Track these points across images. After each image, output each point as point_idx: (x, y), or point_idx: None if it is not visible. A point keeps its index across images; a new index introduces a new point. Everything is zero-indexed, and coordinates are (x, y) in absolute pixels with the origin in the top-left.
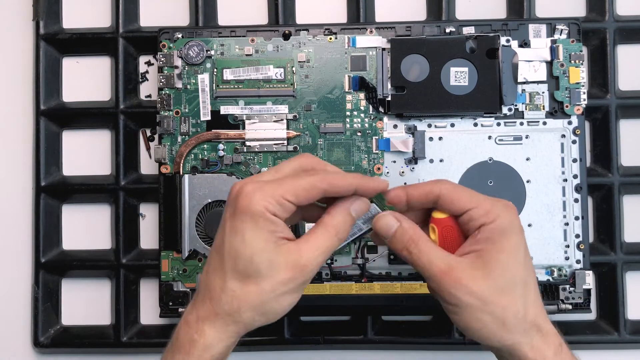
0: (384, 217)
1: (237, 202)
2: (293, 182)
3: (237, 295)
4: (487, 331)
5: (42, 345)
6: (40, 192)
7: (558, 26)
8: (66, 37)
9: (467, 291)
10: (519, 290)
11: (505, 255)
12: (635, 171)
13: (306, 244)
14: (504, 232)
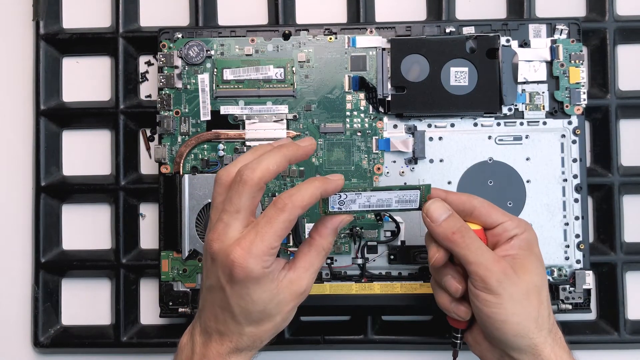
0: (437, 202)
1: (234, 273)
2: (270, 228)
3: (256, 334)
4: (522, 326)
5: (42, 345)
6: (40, 192)
7: (558, 26)
8: (66, 37)
9: (513, 282)
10: (545, 293)
11: (535, 261)
12: (635, 171)
13: (303, 271)
14: (531, 243)
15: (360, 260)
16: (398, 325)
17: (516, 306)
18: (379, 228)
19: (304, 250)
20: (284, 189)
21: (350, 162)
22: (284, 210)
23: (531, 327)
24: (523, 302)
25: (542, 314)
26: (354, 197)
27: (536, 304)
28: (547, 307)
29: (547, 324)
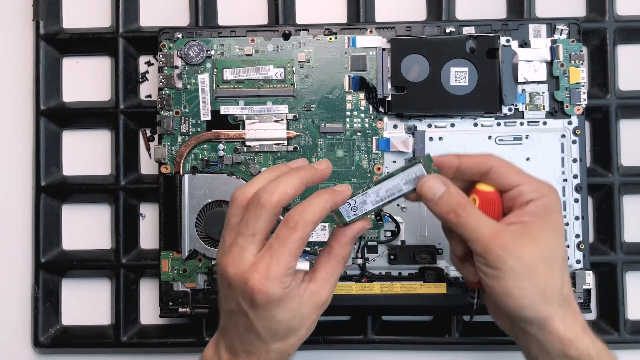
0: (431, 179)
1: (255, 299)
2: (285, 249)
3: (282, 349)
4: (526, 300)
5: (42, 345)
6: (40, 192)
7: (558, 26)
8: (66, 37)
9: (514, 256)
10: (559, 264)
11: (550, 230)
12: (635, 171)
13: (324, 283)
14: (550, 209)
15: (360, 260)
16: (398, 325)
17: (519, 280)
18: (379, 228)
19: (323, 260)
20: None
21: (350, 162)
22: (296, 229)
23: (536, 301)
24: (527, 275)
25: (551, 287)
26: (363, 199)
27: (544, 276)
28: (560, 279)
29: (558, 297)
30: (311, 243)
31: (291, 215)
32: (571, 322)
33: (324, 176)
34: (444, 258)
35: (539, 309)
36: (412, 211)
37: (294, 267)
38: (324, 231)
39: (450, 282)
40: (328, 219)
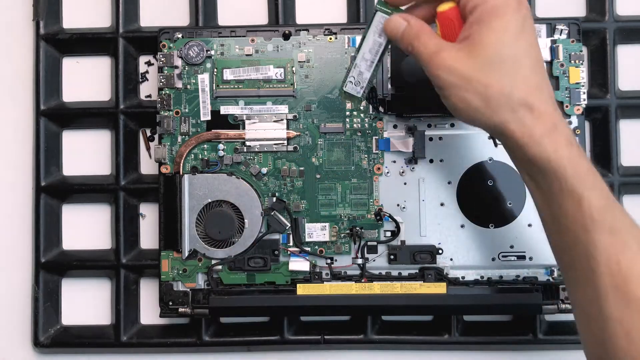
0: (392, 19)
1: None
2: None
3: None
4: (472, 110)
5: (42, 345)
6: (40, 192)
7: (558, 26)
8: (66, 37)
9: (449, 71)
10: (505, 68)
11: (492, 34)
12: (635, 171)
13: None
14: (495, 11)
15: (360, 260)
16: (398, 325)
17: (459, 92)
18: (379, 228)
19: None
20: (283, 189)
21: (350, 162)
22: None
23: (482, 109)
24: (470, 84)
25: (494, 92)
26: (358, 70)
27: (490, 81)
28: (509, 83)
29: (507, 102)
30: (311, 243)
31: None
32: (530, 125)
33: None
34: (444, 258)
35: (485, 117)
36: (412, 211)
37: None
38: (324, 231)
39: (451, 282)
40: (328, 219)
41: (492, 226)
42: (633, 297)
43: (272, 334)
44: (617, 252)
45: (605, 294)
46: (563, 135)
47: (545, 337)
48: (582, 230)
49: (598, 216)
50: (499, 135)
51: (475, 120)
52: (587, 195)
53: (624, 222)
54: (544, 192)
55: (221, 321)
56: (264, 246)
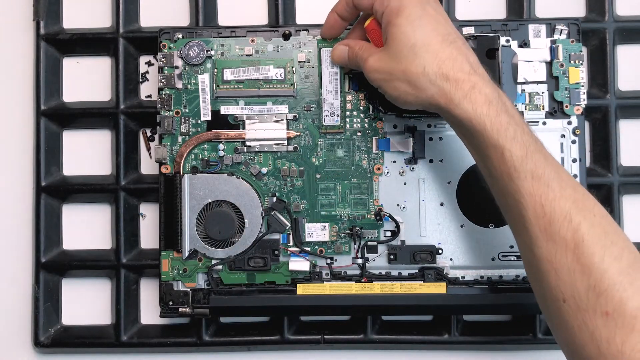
0: (335, 49)
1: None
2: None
3: None
4: (404, 95)
5: (43, 345)
6: (41, 192)
7: (558, 26)
8: (66, 37)
9: (376, 71)
10: (415, 51)
11: (397, 29)
12: (635, 171)
13: None
14: (395, 10)
15: (360, 260)
16: (398, 325)
17: (390, 84)
18: (379, 228)
19: None
20: (283, 189)
21: (350, 162)
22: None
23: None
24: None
25: (412, 75)
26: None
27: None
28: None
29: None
30: (311, 243)
31: None
32: (449, 90)
33: None
34: (444, 258)
35: (415, 96)
36: (412, 211)
37: None
38: (324, 231)
39: (450, 282)
40: (328, 219)
41: (492, 226)
42: (558, 237)
43: (272, 334)
44: (540, 196)
45: (536, 237)
46: (482, 95)
47: (544, 337)
48: (508, 179)
49: (519, 165)
50: (432, 107)
51: (411, 102)
52: (508, 146)
53: (545, 167)
54: (474, 148)
55: (221, 321)
56: (264, 246)
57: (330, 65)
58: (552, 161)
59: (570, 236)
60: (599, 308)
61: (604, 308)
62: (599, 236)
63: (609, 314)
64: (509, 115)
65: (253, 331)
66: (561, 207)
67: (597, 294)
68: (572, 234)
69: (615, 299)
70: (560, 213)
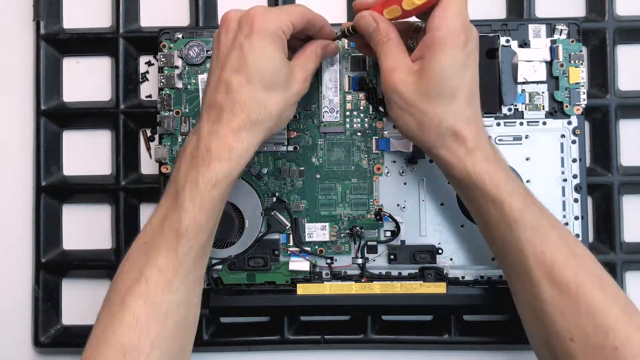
0: (363, 16)
1: (255, 24)
2: (290, 9)
3: (267, 104)
4: (408, 129)
5: (43, 345)
6: (41, 192)
7: (558, 26)
8: (66, 37)
9: (396, 92)
10: (442, 100)
11: (437, 66)
12: (635, 171)
13: (306, 63)
14: (443, 42)
15: (360, 260)
16: (398, 325)
17: (400, 112)
18: (379, 228)
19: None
20: (283, 189)
21: (350, 162)
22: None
23: (416, 131)
24: (410, 108)
25: (427, 121)
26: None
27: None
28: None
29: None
30: (311, 243)
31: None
32: (454, 148)
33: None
34: (444, 258)
35: (418, 138)
36: (412, 211)
37: (292, 28)
38: (324, 231)
39: (450, 282)
40: (328, 219)
41: None
42: (560, 281)
43: (272, 334)
44: (540, 245)
45: (538, 282)
46: (482, 153)
47: None
48: (508, 230)
49: (519, 217)
50: (430, 154)
51: (409, 137)
52: (507, 200)
53: (542, 219)
54: (472, 202)
55: (221, 321)
56: (264, 246)
57: (331, 63)
58: (545, 211)
59: (572, 280)
60: (608, 344)
61: (612, 343)
62: (594, 279)
63: (618, 348)
64: (506, 170)
65: (253, 331)
66: (561, 254)
67: (605, 332)
68: (573, 278)
69: (622, 335)
70: (561, 259)
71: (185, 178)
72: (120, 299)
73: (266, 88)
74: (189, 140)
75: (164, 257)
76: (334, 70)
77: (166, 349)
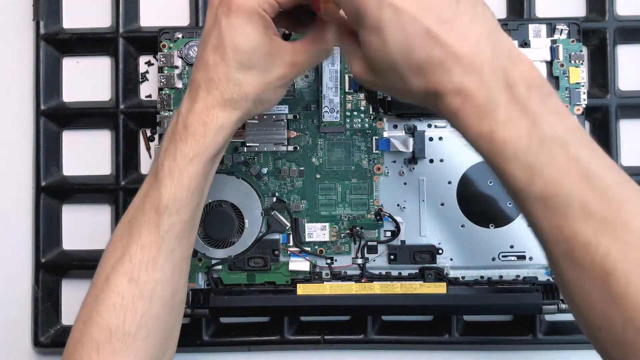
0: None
1: (231, 1)
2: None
3: (242, 84)
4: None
5: (42, 345)
6: (40, 192)
7: (558, 26)
8: (66, 37)
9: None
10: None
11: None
12: (635, 171)
13: (300, 46)
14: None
15: (360, 260)
16: (398, 325)
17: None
18: (379, 228)
19: (307, 36)
20: (283, 189)
21: (350, 162)
22: None
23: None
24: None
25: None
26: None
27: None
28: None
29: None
30: (311, 243)
31: None
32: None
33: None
34: (444, 258)
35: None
36: (412, 211)
37: (276, 4)
38: (324, 231)
39: (451, 282)
40: (328, 219)
41: (492, 226)
42: (583, 263)
43: (272, 334)
44: (557, 219)
45: (557, 261)
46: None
47: (545, 337)
48: (521, 205)
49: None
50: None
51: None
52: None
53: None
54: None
55: (221, 321)
56: (264, 246)
57: (331, 63)
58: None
59: (598, 263)
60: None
61: None
62: (635, 261)
63: None
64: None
65: (253, 331)
66: (583, 230)
67: (636, 329)
68: (600, 261)
69: None
70: (582, 237)
71: (165, 154)
72: (105, 278)
73: (242, 67)
74: (172, 119)
75: (146, 234)
76: (334, 70)
77: (153, 329)
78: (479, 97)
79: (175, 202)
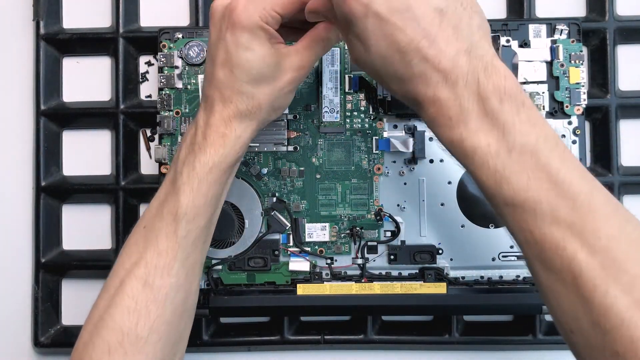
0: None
1: (234, 17)
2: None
3: (254, 95)
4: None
5: (42, 345)
6: (40, 192)
7: (558, 26)
8: (66, 37)
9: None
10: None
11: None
12: (635, 171)
13: (302, 46)
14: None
15: (360, 260)
16: (398, 325)
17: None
18: (379, 228)
19: (305, 37)
20: (283, 189)
21: (350, 162)
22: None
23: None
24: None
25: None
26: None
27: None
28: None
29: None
30: (311, 243)
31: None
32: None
33: None
34: (444, 258)
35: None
36: (412, 211)
37: (278, 17)
38: (324, 231)
39: (450, 282)
40: (328, 219)
41: (492, 226)
42: (552, 267)
43: (272, 334)
44: (526, 221)
45: (532, 262)
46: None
47: (545, 337)
48: (494, 208)
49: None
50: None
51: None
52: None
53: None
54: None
55: (221, 321)
56: (264, 246)
57: (331, 63)
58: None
59: (566, 267)
60: (607, 347)
61: (613, 347)
62: (601, 265)
63: (620, 354)
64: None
65: (253, 331)
66: (552, 233)
67: (604, 332)
68: (567, 264)
69: (626, 339)
70: (551, 240)
71: (184, 163)
72: (119, 281)
73: (252, 81)
74: (189, 130)
75: (163, 240)
76: (334, 70)
77: (164, 334)
78: (452, 108)
79: (193, 209)
